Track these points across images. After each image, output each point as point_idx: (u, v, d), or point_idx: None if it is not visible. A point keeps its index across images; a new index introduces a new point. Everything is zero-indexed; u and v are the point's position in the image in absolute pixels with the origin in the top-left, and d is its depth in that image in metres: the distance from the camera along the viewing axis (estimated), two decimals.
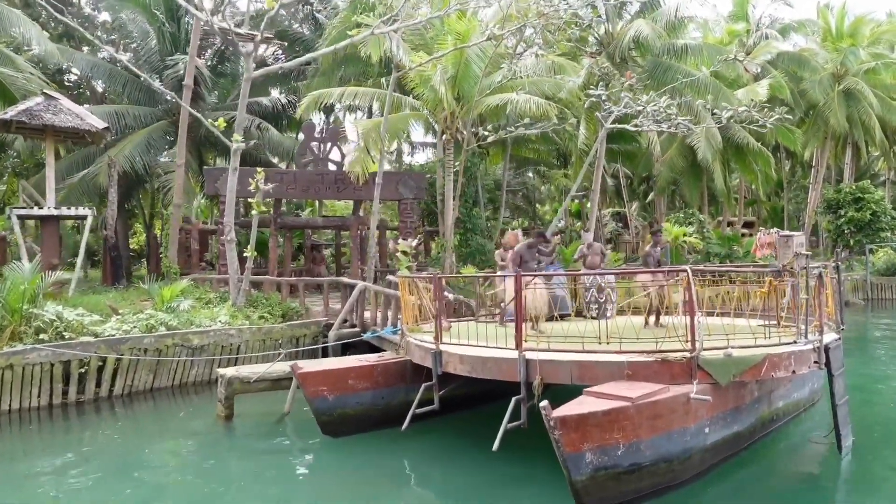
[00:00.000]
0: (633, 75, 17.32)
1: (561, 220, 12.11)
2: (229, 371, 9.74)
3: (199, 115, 13.86)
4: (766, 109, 14.97)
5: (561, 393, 6.95)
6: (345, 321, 13.41)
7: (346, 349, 12.69)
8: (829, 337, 7.83)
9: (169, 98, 18.07)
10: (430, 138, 30.40)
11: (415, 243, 10.56)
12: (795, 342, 7.12)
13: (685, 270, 6.84)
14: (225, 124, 12.70)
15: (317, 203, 26.55)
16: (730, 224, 33.02)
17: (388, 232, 21.71)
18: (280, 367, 9.84)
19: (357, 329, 12.97)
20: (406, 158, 33.70)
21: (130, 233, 31.09)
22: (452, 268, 18.05)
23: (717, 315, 7.29)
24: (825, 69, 29.95)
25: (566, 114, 18.69)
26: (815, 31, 33.25)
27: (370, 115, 25.28)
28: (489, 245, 20.60)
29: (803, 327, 7.21)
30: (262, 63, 28.55)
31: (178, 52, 21.62)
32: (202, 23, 13.84)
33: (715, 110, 15.37)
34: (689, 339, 6.79)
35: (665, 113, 14.50)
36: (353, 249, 17.94)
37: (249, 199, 13.61)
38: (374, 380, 8.84)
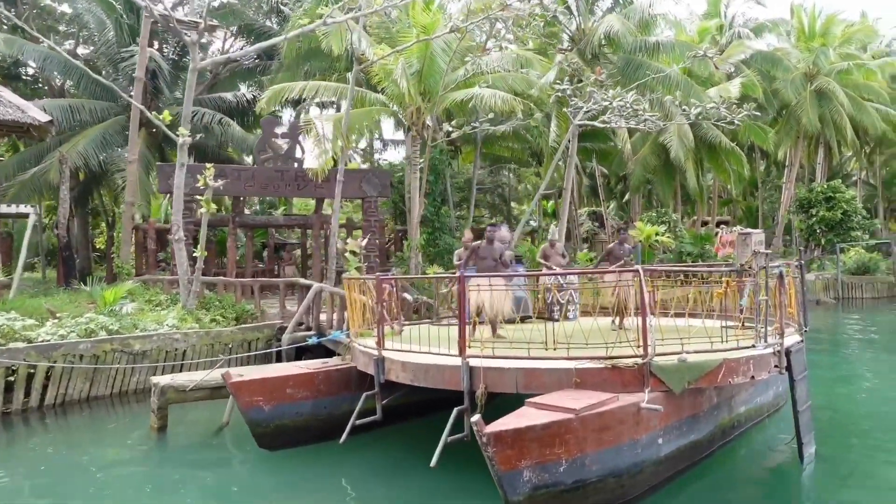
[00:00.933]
0: (602, 71, 16.93)
1: (533, 220, 11.66)
2: (163, 379, 9.12)
3: (142, 107, 13.18)
4: (734, 106, 14.63)
5: (509, 402, 6.46)
6: (300, 324, 12.85)
7: (301, 353, 12.12)
8: (791, 340, 7.44)
9: (138, 94, 17.24)
10: (401, 135, 29.85)
11: (364, 242, 9.97)
12: (754, 346, 6.71)
13: (636, 270, 6.38)
14: (171, 117, 12.03)
15: (292, 201, 25.91)
16: (704, 223, 32.88)
17: (354, 231, 21.15)
18: (218, 375, 9.22)
19: (312, 332, 12.41)
20: (378, 155, 33.11)
21: (97, 232, 30.14)
22: (419, 268, 17.55)
23: (672, 316, 6.84)
24: (797, 69, 29.91)
25: (534, 110, 18.24)
26: (788, 31, 33.25)
27: (339, 110, 24.68)
28: (458, 244, 20.11)
29: (763, 330, 6.80)
30: (228, 60, 27.92)
31: (136, 43, 20.83)
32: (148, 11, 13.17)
33: (684, 107, 14.99)
34: (641, 344, 6.35)
35: (632, 109, 14.10)
36: (315, 249, 17.34)
37: (197, 197, 12.90)
38: (316, 388, 8.30)
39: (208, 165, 12.90)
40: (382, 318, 7.73)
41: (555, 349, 6.56)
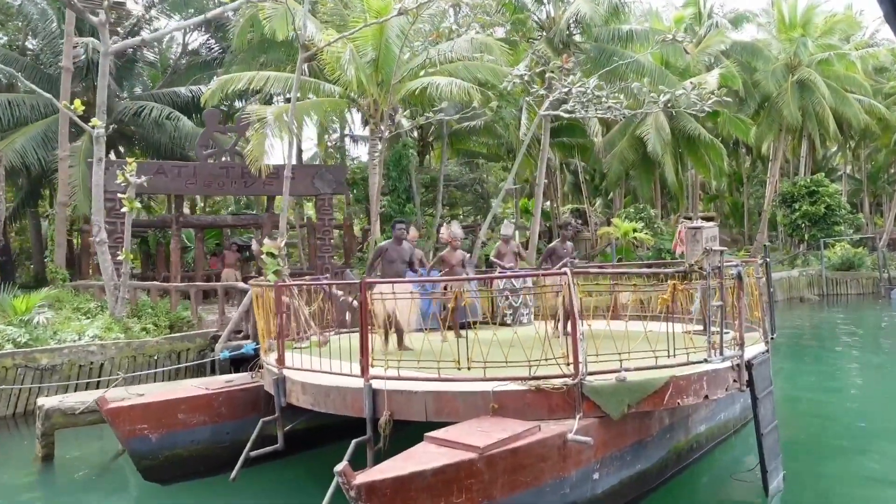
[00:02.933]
0: (570, 59, 15.89)
1: (512, 219, 10.62)
2: (50, 401, 8.01)
3: (50, 96, 12.03)
4: (705, 93, 13.63)
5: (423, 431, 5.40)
6: (237, 332, 11.78)
7: (240, 365, 11.04)
8: (753, 350, 6.42)
9: (66, 86, 16.05)
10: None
11: (282, 243, 8.87)
12: (707, 360, 5.67)
13: (564, 273, 5.33)
14: (83, 107, 10.88)
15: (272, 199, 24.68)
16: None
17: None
18: (115, 395, 8.12)
19: (250, 341, 11.31)
20: (352, 152, 31.94)
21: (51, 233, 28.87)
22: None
23: (608, 321, 5.78)
24: (778, 59, 28.99)
25: (493, 99, 17.18)
26: (769, 21, 32.35)
27: None
28: (423, 243, 19.06)
29: (717, 340, 5.76)
30: (193, 52, 26.71)
31: (83, 34, 19.63)
32: None
33: (653, 94, 13.98)
34: (572, 360, 5.31)
35: (593, 95, 13.06)
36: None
37: (119, 195, 11.78)
38: (215, 412, 7.22)
39: (130, 160, 11.76)
40: (283, 330, 6.66)
41: (468, 368, 5.48)
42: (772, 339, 7.06)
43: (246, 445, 6.86)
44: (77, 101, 10.80)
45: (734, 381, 5.99)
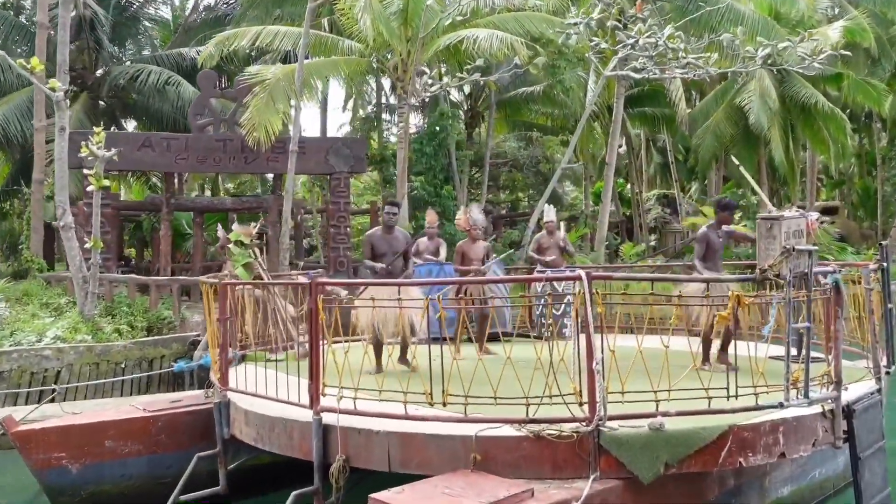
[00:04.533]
0: (645, 6, 14.73)
1: (551, 209, 9.77)
2: None
3: (2, 53, 11.89)
4: (817, 47, 12.29)
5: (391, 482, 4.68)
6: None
7: None
8: (857, 390, 5.40)
9: (41, 44, 16.08)
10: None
11: (255, 230, 8.31)
12: (783, 403, 4.71)
13: (578, 276, 4.49)
14: (41, 66, 10.63)
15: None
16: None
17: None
18: (52, 409, 7.79)
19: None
20: (388, 128, 31.44)
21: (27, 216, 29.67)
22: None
23: (639, 339, 4.85)
24: None
25: (556, 58, 16.22)
26: None
27: None
28: (460, 235, 18.33)
29: (800, 376, 4.80)
30: (208, 7, 26.73)
31: None
32: None
33: (749, 48, 12.73)
34: (586, 399, 4.49)
35: (667, 48, 11.93)
36: (272, 239, 15.86)
37: (87, 171, 11.54)
38: (153, 439, 6.73)
39: (97, 130, 11.46)
40: (227, 340, 6.09)
41: (444, 403, 4.71)
42: (887, 373, 5.97)
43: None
44: (34, 60, 10.54)
45: (825, 432, 5.01)
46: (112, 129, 20.28)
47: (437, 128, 18.73)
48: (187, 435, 6.85)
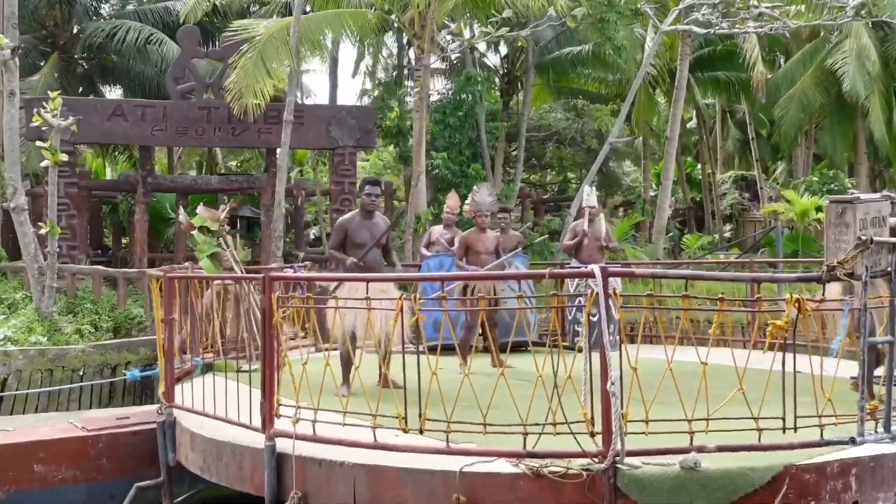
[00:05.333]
0: None
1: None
2: None
3: None
4: None
5: None
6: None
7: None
8: None
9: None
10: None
11: (224, 214, 8.08)
12: (856, 438, 4.30)
13: (591, 273, 4.14)
14: None
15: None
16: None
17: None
18: None
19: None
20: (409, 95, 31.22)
21: None
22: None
23: (669, 353, 4.46)
24: None
25: (606, 10, 15.77)
26: None
27: None
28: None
29: (878, 405, 4.40)
30: None
31: None
32: None
33: None
34: (601, 427, 4.16)
35: None
36: (265, 225, 15.75)
37: (40, 144, 11.45)
38: (92, 463, 6.61)
39: (52, 95, 11.38)
40: (172, 345, 5.90)
41: (420, 430, 4.40)
42: None
43: None
44: None
45: None
46: (91, 97, 20.40)
47: (463, 95, 18.40)
48: (133, 459, 6.69)
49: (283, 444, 4.78)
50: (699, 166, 32.81)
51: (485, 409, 4.32)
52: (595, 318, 9.10)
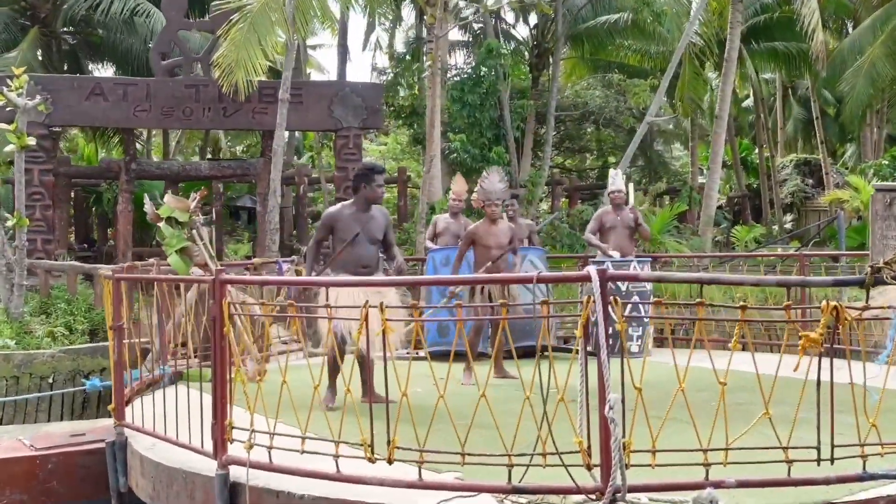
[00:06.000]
0: None
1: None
2: None
3: None
4: None
5: None
6: (182, 343, 11.18)
7: None
8: None
9: None
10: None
11: (193, 204, 7.89)
12: None
13: (587, 276, 3.87)
14: None
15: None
16: None
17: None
18: None
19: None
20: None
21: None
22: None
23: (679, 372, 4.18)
24: None
25: None
26: None
27: None
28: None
29: None
30: None
31: None
32: None
33: None
34: (599, 458, 3.90)
35: None
36: (260, 215, 15.64)
37: (3, 127, 11.38)
38: (41, 486, 6.47)
39: (17, 71, 11.29)
40: (122, 355, 5.76)
41: (389, 460, 4.17)
42: None
43: None
44: None
45: None
46: (67, 75, 20.41)
47: (484, 69, 18.14)
48: (88, 482, 6.54)
49: (237, 473, 4.58)
50: (756, 150, 32.28)
51: (468, 432, 4.08)
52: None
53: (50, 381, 11.10)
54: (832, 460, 4.06)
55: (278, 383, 4.50)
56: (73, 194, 24.28)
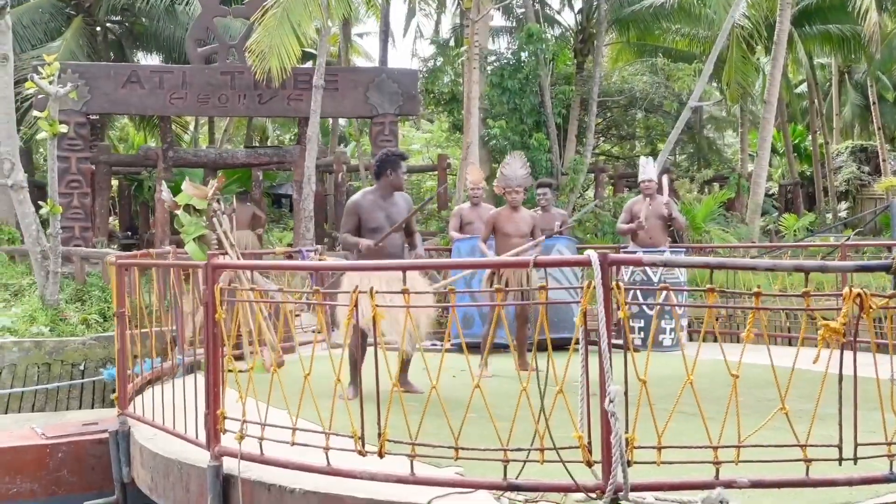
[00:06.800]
0: None
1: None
2: None
3: None
4: None
5: None
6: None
7: None
8: None
9: None
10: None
11: (211, 191, 7.76)
12: None
13: (587, 261, 3.62)
14: None
15: None
16: None
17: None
18: None
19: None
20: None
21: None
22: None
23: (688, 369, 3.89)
24: None
25: None
26: None
27: None
28: (554, 199, 17.44)
29: None
30: None
31: None
32: None
33: None
34: (600, 455, 3.66)
35: None
36: (296, 202, 15.55)
37: (36, 114, 11.44)
38: (51, 476, 6.43)
39: (49, 58, 11.28)
40: (125, 342, 5.66)
41: (380, 454, 3.97)
42: None
43: None
44: None
45: None
46: (103, 62, 20.53)
47: (524, 54, 17.80)
48: (98, 471, 6.47)
49: (230, 465, 4.42)
50: (810, 136, 31.52)
51: (462, 426, 3.85)
52: (654, 313, 8.55)
53: (81, 368, 11.14)
54: (855, 459, 3.76)
55: (292, 374, 4.34)
56: (117, 182, 24.65)
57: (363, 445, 3.98)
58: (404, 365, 6.34)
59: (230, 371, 7.22)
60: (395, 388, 3.89)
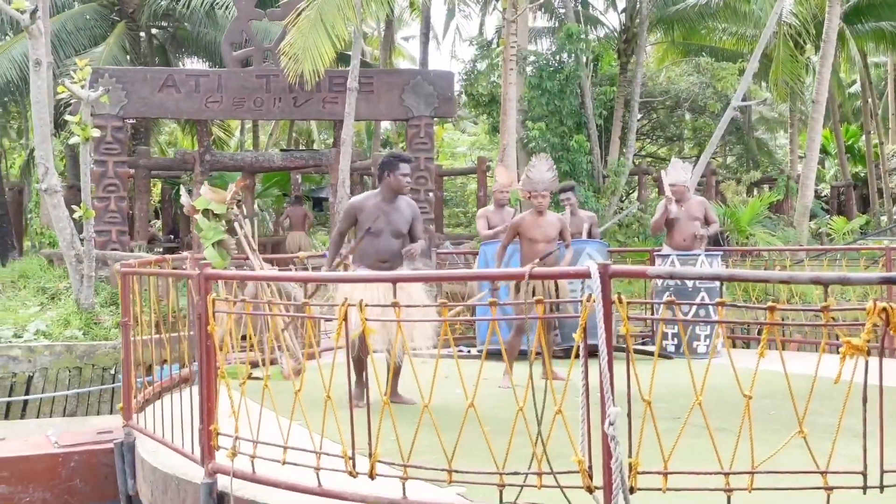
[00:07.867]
0: None
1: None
2: None
3: None
4: None
5: None
6: (242, 336, 11.07)
7: None
8: None
9: None
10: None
11: (233, 195, 7.64)
12: None
13: (586, 273, 3.39)
14: None
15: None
16: None
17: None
18: None
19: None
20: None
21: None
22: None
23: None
24: None
25: None
26: None
27: None
28: (594, 201, 17.16)
29: None
30: None
31: None
32: None
33: None
34: (601, 480, 3.44)
35: None
36: (331, 206, 15.47)
37: (69, 118, 11.44)
38: (64, 485, 6.37)
39: (81, 62, 11.30)
40: (129, 352, 5.57)
41: (371, 475, 3.78)
42: None
43: None
44: None
45: None
46: (139, 67, 20.65)
47: (564, 55, 17.51)
48: (111, 481, 6.36)
49: (225, 482, 4.27)
50: (864, 137, 30.76)
51: (457, 445, 3.65)
52: (688, 315, 8.26)
53: (112, 372, 11.15)
54: (882, 488, 3.47)
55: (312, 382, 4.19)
56: (160, 187, 24.84)
57: (354, 466, 3.79)
58: (394, 376, 6.11)
59: (251, 378, 7.11)
60: (385, 404, 3.70)
